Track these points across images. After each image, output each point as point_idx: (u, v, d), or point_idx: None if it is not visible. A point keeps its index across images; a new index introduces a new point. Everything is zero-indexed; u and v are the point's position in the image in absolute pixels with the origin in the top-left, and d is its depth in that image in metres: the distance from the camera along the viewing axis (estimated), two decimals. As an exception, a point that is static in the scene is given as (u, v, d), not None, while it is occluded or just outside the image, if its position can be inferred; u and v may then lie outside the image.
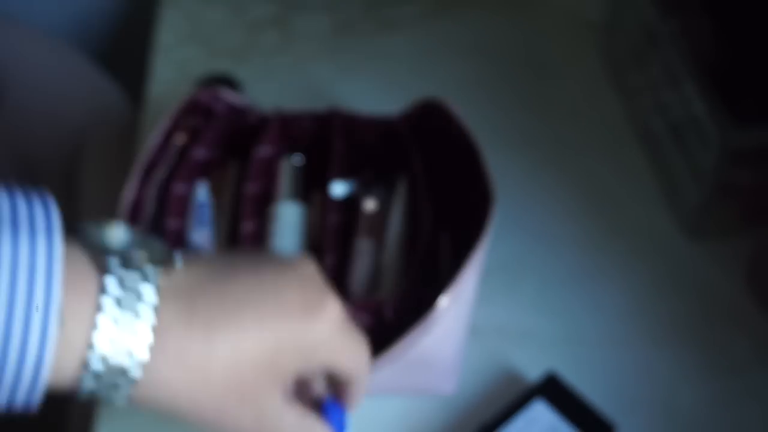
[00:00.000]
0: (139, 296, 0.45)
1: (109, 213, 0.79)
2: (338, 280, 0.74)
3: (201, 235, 0.75)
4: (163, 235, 0.74)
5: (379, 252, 0.74)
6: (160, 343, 0.45)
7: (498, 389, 0.75)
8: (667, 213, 0.87)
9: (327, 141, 0.77)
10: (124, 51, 1.20)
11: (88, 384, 0.45)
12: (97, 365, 0.44)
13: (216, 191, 0.79)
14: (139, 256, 0.46)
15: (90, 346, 0.44)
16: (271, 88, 0.96)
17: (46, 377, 0.43)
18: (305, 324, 0.50)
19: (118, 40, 1.22)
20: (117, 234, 0.46)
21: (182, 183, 0.76)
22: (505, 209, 0.84)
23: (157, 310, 0.45)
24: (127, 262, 0.45)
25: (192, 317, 0.46)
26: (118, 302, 0.44)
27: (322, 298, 0.51)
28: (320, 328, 0.50)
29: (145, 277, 0.45)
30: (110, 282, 0.44)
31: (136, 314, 0.45)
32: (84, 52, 1.14)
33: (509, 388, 0.75)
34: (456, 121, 0.75)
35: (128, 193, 0.72)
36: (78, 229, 0.46)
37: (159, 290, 0.46)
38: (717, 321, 0.80)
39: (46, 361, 0.42)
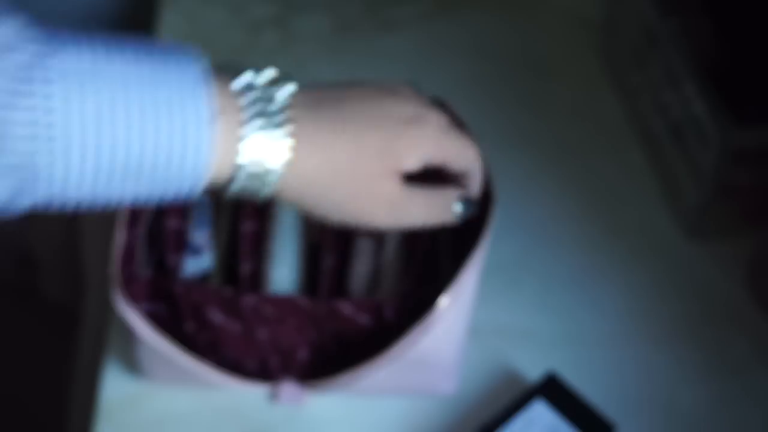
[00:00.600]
0: (275, 104, 0.54)
1: (110, 212, 0.79)
2: (338, 280, 0.74)
3: (201, 235, 0.75)
4: (163, 236, 0.74)
5: (379, 252, 0.74)
6: (296, 142, 0.55)
7: (498, 389, 0.75)
8: (667, 213, 0.87)
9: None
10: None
11: (240, 182, 0.54)
12: (248, 166, 0.53)
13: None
14: (267, 77, 0.55)
15: (240, 147, 0.53)
16: (271, 88, 0.96)
17: (206, 172, 0.52)
18: (413, 128, 0.58)
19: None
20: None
21: (182, 183, 0.76)
22: (505, 209, 0.84)
23: (291, 113, 0.55)
24: (260, 80, 0.55)
25: (318, 121, 0.56)
26: (261, 113, 0.54)
27: (424, 110, 0.59)
28: (427, 130, 0.59)
29: (279, 89, 0.55)
30: (252, 96, 0.54)
31: (275, 118, 0.54)
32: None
33: (509, 388, 0.75)
34: (457, 120, 0.75)
35: (128, 192, 0.72)
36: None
37: (291, 98, 0.55)
38: (716, 321, 0.80)
39: (204, 154, 0.51)
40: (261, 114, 0.53)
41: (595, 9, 1.02)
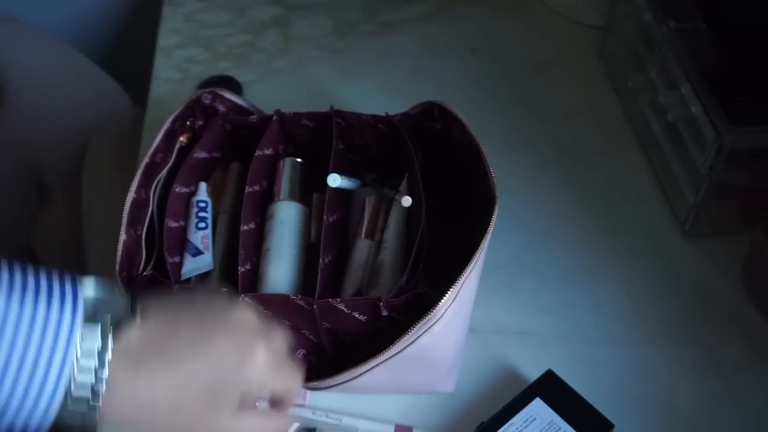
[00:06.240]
0: (97, 353, 0.54)
1: (111, 212, 0.80)
2: (336, 279, 0.74)
3: (201, 235, 0.75)
4: (162, 235, 0.74)
5: (378, 251, 0.74)
6: (110, 391, 0.55)
7: (497, 388, 0.76)
8: (665, 213, 0.87)
9: (327, 141, 0.78)
10: (126, 53, 1.20)
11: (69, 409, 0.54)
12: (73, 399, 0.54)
13: (216, 191, 0.79)
14: (106, 315, 0.55)
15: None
16: (272, 88, 0.97)
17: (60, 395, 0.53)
18: (238, 368, 0.58)
19: (120, 42, 1.22)
20: (87, 288, 0.56)
21: (183, 183, 0.77)
22: (504, 209, 0.84)
23: (110, 365, 0.55)
24: (95, 317, 0.55)
25: (136, 373, 0.55)
26: (82, 353, 0.54)
27: (252, 345, 0.58)
28: (252, 369, 0.58)
29: (104, 337, 0.55)
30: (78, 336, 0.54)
31: (93, 367, 0.54)
32: (87, 54, 1.15)
33: (508, 387, 0.75)
34: (459, 121, 0.75)
35: (131, 193, 0.72)
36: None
37: (113, 351, 0.55)
38: (714, 320, 0.81)
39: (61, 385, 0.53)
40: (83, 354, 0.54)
41: (595, 12, 1.02)
